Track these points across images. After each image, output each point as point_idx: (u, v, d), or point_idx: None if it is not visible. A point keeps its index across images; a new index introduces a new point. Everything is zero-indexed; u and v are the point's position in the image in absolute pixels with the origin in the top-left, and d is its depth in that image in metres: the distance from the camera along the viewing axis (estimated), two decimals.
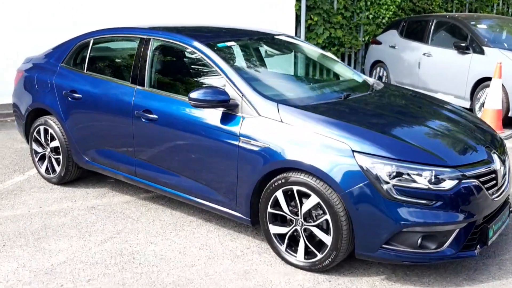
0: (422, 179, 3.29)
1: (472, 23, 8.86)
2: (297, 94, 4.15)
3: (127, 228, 4.38)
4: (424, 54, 9.29)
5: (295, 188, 3.56)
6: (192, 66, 4.54)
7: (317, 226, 3.54)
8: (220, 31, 5.02)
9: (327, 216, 3.45)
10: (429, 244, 3.37)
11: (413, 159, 3.34)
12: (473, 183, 3.41)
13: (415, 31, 9.84)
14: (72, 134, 5.01)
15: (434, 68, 9.09)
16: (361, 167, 3.32)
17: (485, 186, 3.50)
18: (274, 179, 3.66)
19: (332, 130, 3.53)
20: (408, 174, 3.29)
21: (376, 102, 4.22)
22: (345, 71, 4.95)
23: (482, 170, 3.51)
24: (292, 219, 3.65)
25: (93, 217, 4.60)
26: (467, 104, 8.44)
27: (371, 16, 11.56)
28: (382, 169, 3.29)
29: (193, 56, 4.37)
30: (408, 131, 3.68)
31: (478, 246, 3.51)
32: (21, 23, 8.28)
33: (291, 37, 5.14)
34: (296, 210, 3.62)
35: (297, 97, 4.03)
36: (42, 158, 5.40)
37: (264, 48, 4.81)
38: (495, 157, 3.68)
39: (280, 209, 3.69)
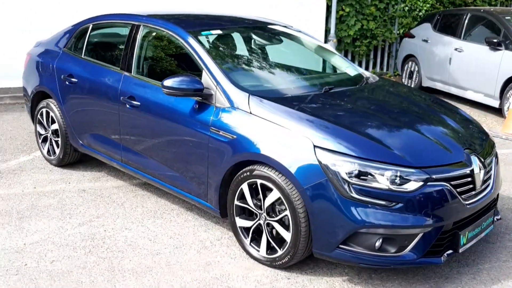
0: (384, 179, 3.15)
1: (507, 18, 8.40)
2: (274, 85, 4.06)
3: (108, 212, 4.43)
4: (455, 49, 8.91)
5: (259, 181, 3.49)
6: (176, 54, 4.52)
7: (279, 221, 3.46)
8: (213, 19, 4.96)
9: (288, 212, 3.37)
10: (388, 248, 3.23)
11: (375, 158, 3.20)
12: (442, 186, 3.23)
13: (449, 25, 9.44)
14: (69, 118, 5.11)
15: (465, 65, 8.70)
16: (320, 163, 3.21)
17: (458, 190, 3.31)
18: (241, 171, 3.60)
19: (298, 123, 3.43)
20: (368, 173, 3.16)
21: (358, 97, 4.07)
22: (340, 64, 4.81)
23: (454, 173, 3.33)
24: (256, 213, 3.59)
25: (80, 200, 4.68)
26: (496, 103, 8.05)
27: (407, 8, 11.18)
28: (342, 166, 3.17)
29: (177, 43, 4.35)
30: (378, 129, 3.52)
31: (445, 253, 3.34)
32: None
33: (290, 27, 5.03)
34: (260, 204, 3.55)
35: (273, 88, 3.95)
36: (45, 140, 5.54)
37: (253, 38, 4.72)
38: (474, 160, 3.48)
39: (246, 202, 3.63)
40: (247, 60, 4.41)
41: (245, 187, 3.59)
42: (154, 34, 4.53)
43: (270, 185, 3.42)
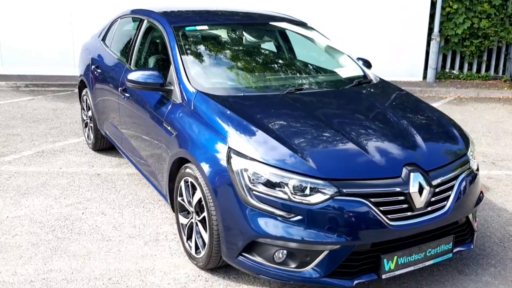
0: (286, 188, 2.90)
1: None
2: (232, 84, 3.92)
3: (100, 197, 4.68)
4: None
5: (189, 179, 3.44)
6: (163, 47, 4.57)
7: (201, 222, 3.38)
8: (211, 14, 4.88)
9: (205, 213, 3.27)
10: (290, 262, 2.97)
11: (282, 166, 2.95)
12: (357, 202, 2.88)
13: None
14: (94, 106, 5.48)
15: None
16: (228, 166, 3.06)
17: (381, 208, 2.92)
18: (181, 168, 3.57)
19: (223, 124, 3.30)
20: (271, 181, 2.93)
21: (319, 101, 3.74)
22: (337, 63, 4.48)
23: (377, 189, 2.93)
24: (190, 211, 3.54)
25: (87, 183, 5.00)
26: None
27: None
28: (247, 171, 2.99)
29: (164, 37, 4.41)
30: (306, 136, 3.20)
31: (363, 277, 2.97)
32: None
33: (298, 24, 4.80)
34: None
35: (227, 87, 3.82)
36: (86, 125, 6.00)
37: (244, 35, 4.58)
38: (415, 178, 3.02)
39: (184, 199, 3.60)
40: (221, 57, 4.30)
41: (182, 184, 3.55)
42: (151, 28, 4.64)
43: (196, 184, 3.35)
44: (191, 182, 3.41)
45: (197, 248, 3.47)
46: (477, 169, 3.51)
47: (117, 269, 3.50)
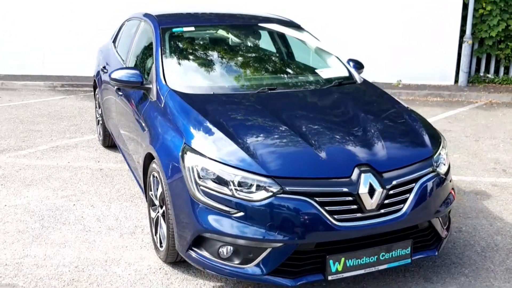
0: (231, 184, 2.96)
1: None
2: (203, 83, 4.00)
3: (94, 190, 4.88)
4: None
5: (155, 174, 3.55)
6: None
7: (163, 215, 3.48)
8: (203, 16, 4.98)
9: (164, 207, 3.37)
10: (234, 258, 3.02)
11: (228, 162, 3.01)
12: (301, 201, 2.89)
13: None
14: (102, 105, 5.70)
15: None
16: (182, 161, 3.15)
17: (327, 208, 2.92)
18: (150, 163, 3.69)
19: (184, 121, 3.40)
20: (219, 177, 2.99)
21: (287, 101, 3.77)
22: (321, 64, 4.49)
23: (323, 189, 2.93)
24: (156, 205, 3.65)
25: (87, 176, 5.22)
26: None
27: None
28: (197, 167, 3.06)
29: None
30: (259, 134, 3.25)
31: (308, 277, 2.98)
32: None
33: (290, 25, 4.83)
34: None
35: (198, 86, 3.91)
36: (98, 123, 6.25)
37: (229, 36, 4.65)
38: (366, 179, 2.99)
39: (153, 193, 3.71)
40: (201, 58, 4.38)
41: (151, 179, 3.67)
42: (146, 30, 4.80)
43: (158, 179, 3.46)
44: (156, 176, 3.52)
45: (161, 241, 3.57)
46: (446, 173, 3.41)
47: (86, 258, 3.66)
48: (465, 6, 9.57)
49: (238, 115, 3.51)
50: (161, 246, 3.56)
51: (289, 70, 4.56)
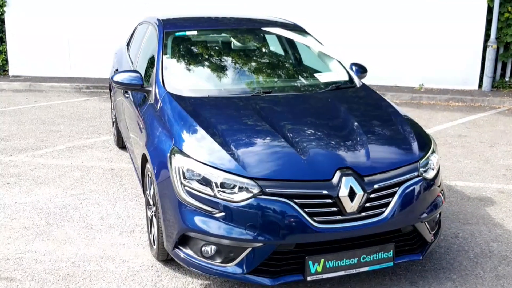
0: (213, 185, 3.04)
1: None
2: (200, 86, 4.09)
3: (103, 189, 5.04)
4: None
5: (149, 174, 3.66)
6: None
7: (155, 214, 3.59)
8: (208, 20, 5.08)
9: (156, 207, 3.48)
10: (216, 257, 3.10)
11: (212, 164, 3.09)
12: (281, 203, 2.95)
13: None
14: (115, 106, 5.88)
15: None
16: (170, 162, 3.25)
17: (306, 210, 2.97)
18: (146, 163, 3.81)
19: (175, 123, 3.50)
20: (203, 178, 3.08)
21: (281, 104, 3.82)
22: (323, 69, 4.53)
23: (302, 191, 2.99)
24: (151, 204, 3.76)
25: (98, 176, 5.39)
26: None
27: None
28: (182, 167, 3.16)
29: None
30: (246, 136, 3.33)
31: (287, 277, 3.04)
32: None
33: (293, 29, 4.88)
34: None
35: (195, 89, 4.00)
36: (113, 124, 6.44)
37: (232, 40, 4.73)
38: (347, 181, 3.03)
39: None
40: (200, 61, 4.47)
41: (146, 179, 3.79)
42: (152, 34, 4.93)
43: (151, 179, 3.57)
44: (150, 177, 3.63)
45: (154, 240, 3.68)
46: (434, 177, 3.41)
47: (84, 254, 3.80)
48: (490, 10, 9.42)
49: (229, 118, 3.60)
50: (154, 244, 3.67)
51: (287, 74, 4.61)
